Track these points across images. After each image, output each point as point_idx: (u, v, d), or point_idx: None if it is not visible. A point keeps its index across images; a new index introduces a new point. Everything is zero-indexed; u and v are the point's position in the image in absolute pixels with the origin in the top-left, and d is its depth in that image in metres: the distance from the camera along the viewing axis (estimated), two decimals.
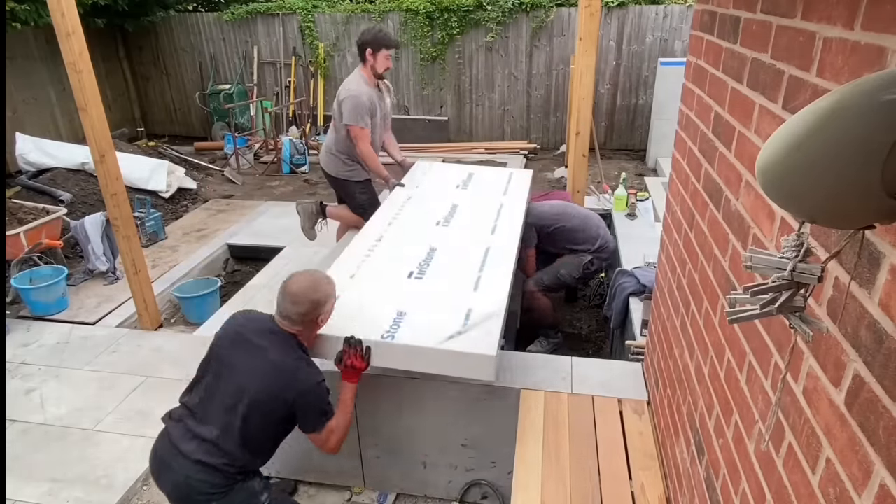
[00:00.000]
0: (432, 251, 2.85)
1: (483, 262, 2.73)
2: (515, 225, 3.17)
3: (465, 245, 2.93)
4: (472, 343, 2.13)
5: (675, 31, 8.07)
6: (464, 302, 2.39)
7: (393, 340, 2.15)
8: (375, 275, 2.65)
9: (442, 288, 2.53)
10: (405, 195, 3.65)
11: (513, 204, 3.45)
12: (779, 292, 0.77)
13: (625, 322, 3.48)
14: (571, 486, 2.06)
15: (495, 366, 2.11)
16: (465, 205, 3.47)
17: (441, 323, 2.24)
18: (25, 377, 3.53)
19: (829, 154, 0.62)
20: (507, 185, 3.77)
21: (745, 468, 1.28)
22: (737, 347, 1.37)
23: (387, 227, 3.15)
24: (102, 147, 3.53)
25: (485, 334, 2.19)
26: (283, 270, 4.78)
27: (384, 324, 2.24)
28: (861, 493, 0.81)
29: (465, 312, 2.31)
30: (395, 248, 2.91)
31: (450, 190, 3.77)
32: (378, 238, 2.99)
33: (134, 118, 10.16)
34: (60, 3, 3.13)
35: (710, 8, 1.74)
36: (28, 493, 2.74)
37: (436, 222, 3.20)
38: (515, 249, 2.88)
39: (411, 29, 8.69)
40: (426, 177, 4.02)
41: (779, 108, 1.18)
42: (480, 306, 2.35)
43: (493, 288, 2.52)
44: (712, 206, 1.63)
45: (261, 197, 7.10)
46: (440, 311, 2.33)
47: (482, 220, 3.20)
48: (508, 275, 2.63)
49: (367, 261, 2.77)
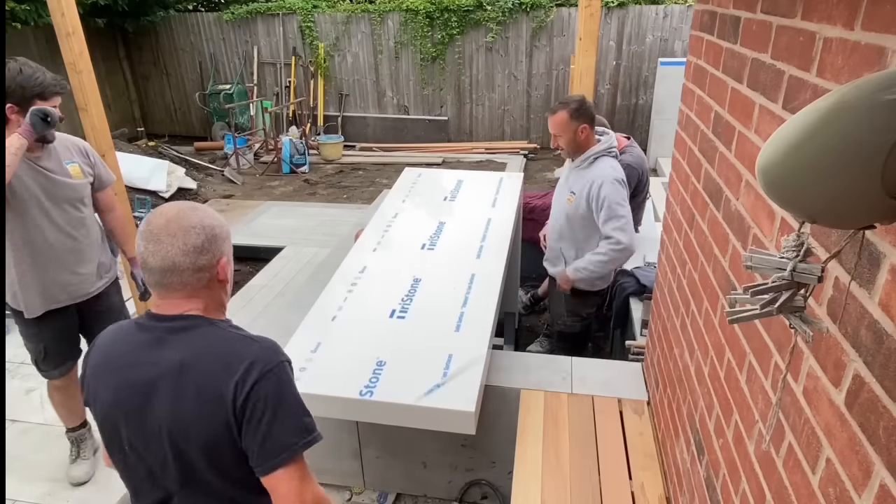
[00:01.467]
0: (416, 283, 2.77)
1: (466, 296, 2.65)
2: (503, 244, 3.09)
3: (449, 273, 2.85)
4: (450, 398, 2.08)
5: (675, 31, 8.07)
6: (445, 346, 2.33)
7: (371, 398, 2.09)
8: (357, 315, 2.56)
9: (423, 329, 2.46)
10: (393, 211, 3.53)
11: (501, 218, 3.38)
12: (779, 292, 0.77)
13: (625, 322, 3.48)
14: (571, 486, 2.06)
15: (475, 420, 2.07)
16: (452, 222, 3.39)
17: (421, 373, 2.19)
18: (25, 377, 3.53)
19: (830, 154, 0.62)
20: (496, 195, 3.69)
21: (746, 468, 1.28)
22: (737, 347, 1.37)
23: (372, 252, 3.08)
24: (102, 147, 3.53)
25: (464, 386, 2.14)
26: (282, 270, 4.78)
27: (363, 377, 2.18)
28: (861, 493, 0.81)
29: (446, 359, 2.26)
30: (378, 280, 2.84)
31: (437, 203, 3.68)
32: (362, 269, 2.92)
33: (134, 118, 10.17)
34: (60, 3, 3.13)
35: (710, 8, 1.73)
36: (28, 493, 2.74)
37: (421, 245, 3.11)
38: (501, 274, 2.81)
39: (411, 29, 8.69)
40: (415, 187, 3.94)
41: (779, 108, 1.18)
42: (462, 351, 2.30)
43: (476, 327, 2.45)
44: (712, 206, 1.63)
45: (261, 197, 7.10)
46: (420, 358, 2.28)
47: (468, 241, 3.13)
48: (491, 310, 2.56)
49: (349, 298, 2.68)
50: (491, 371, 2.58)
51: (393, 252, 3.10)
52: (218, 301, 1.29)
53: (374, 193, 6.88)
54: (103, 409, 1.25)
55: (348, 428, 2.65)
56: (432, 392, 2.10)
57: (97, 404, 1.26)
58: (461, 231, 3.27)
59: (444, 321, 2.49)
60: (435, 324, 2.48)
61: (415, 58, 8.89)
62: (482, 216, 3.41)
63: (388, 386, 2.14)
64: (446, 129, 9.17)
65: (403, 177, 4.13)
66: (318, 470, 2.87)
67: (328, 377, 2.19)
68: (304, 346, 2.36)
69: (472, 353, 2.29)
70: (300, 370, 2.21)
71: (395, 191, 3.87)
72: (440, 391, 2.11)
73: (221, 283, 1.28)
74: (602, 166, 2.86)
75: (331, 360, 2.28)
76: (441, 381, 2.15)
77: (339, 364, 2.26)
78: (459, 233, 3.26)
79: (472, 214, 3.46)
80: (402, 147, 8.96)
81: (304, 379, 2.18)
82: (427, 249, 3.08)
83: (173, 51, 9.79)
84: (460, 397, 2.09)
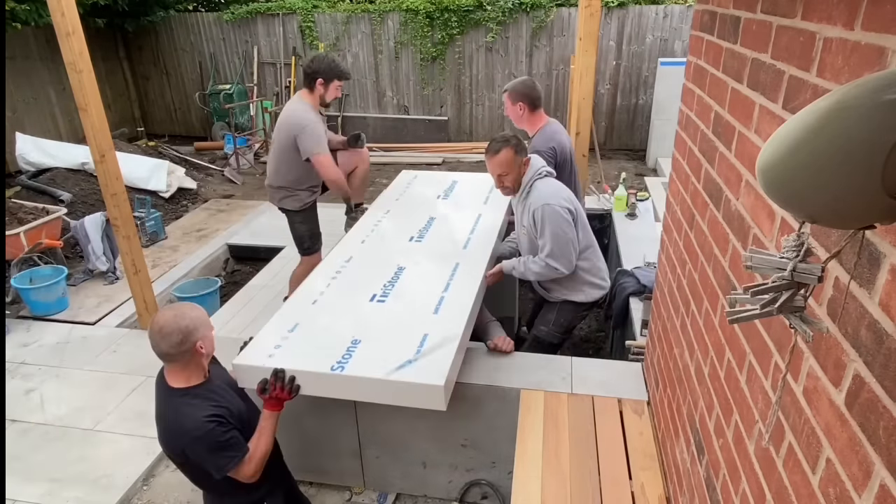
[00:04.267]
0: (400, 270, 2.78)
1: (448, 282, 2.66)
2: (490, 235, 3.10)
3: (434, 262, 2.86)
4: (420, 372, 2.07)
5: (675, 31, 8.07)
6: (421, 327, 2.33)
7: (342, 372, 2.10)
8: (338, 299, 2.59)
9: (401, 312, 2.46)
10: (384, 208, 3.56)
11: (492, 213, 3.38)
12: (779, 292, 0.77)
13: (625, 322, 3.48)
14: (571, 486, 2.06)
15: (445, 395, 2.05)
16: (443, 217, 3.41)
17: (394, 351, 2.18)
18: (25, 377, 3.53)
19: (830, 154, 0.62)
20: (490, 192, 3.68)
21: (746, 468, 1.28)
22: (737, 347, 1.37)
23: (360, 245, 3.09)
24: (102, 147, 3.53)
25: (436, 362, 2.12)
26: (282, 270, 4.78)
27: (336, 353, 2.19)
28: (861, 493, 0.81)
29: (421, 338, 2.25)
30: (363, 268, 2.85)
31: (430, 201, 3.69)
32: (347, 258, 2.93)
33: (134, 118, 10.17)
34: (60, 3, 3.13)
35: (710, 8, 1.73)
36: (28, 493, 2.74)
37: (409, 237, 3.13)
38: (486, 262, 2.81)
39: (411, 29, 8.69)
40: (409, 188, 3.94)
41: (779, 109, 1.17)
42: (437, 331, 2.29)
43: (455, 310, 2.44)
44: (712, 206, 1.63)
45: (261, 197, 7.09)
46: (395, 337, 2.28)
47: (456, 234, 3.14)
48: (472, 294, 2.57)
49: (332, 284, 2.71)
50: (491, 371, 2.58)
51: (380, 244, 3.12)
52: (198, 364, 1.94)
53: (374, 193, 6.86)
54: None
55: (349, 428, 2.65)
56: (403, 367, 2.10)
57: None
58: (450, 225, 3.29)
59: (423, 304, 2.49)
60: (414, 307, 2.48)
61: (415, 58, 8.89)
62: (473, 212, 3.43)
63: (360, 362, 2.14)
64: (446, 129, 9.16)
65: (400, 178, 4.14)
66: (318, 470, 2.90)
67: (301, 354, 2.22)
68: (282, 326, 2.39)
69: (448, 332, 2.28)
70: (275, 347, 2.25)
71: (391, 189, 3.89)
72: (412, 366, 2.10)
73: (200, 354, 1.92)
74: (537, 194, 2.80)
75: (306, 339, 2.31)
76: (414, 357, 2.15)
77: (314, 342, 2.29)
78: (448, 227, 3.28)
79: (463, 210, 3.48)
80: (402, 147, 8.95)
81: (278, 355, 2.20)
82: (415, 241, 3.10)
83: (173, 51, 9.79)
84: (431, 372, 2.07)
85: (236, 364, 2.20)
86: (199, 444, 1.85)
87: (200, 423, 1.84)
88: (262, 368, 2.15)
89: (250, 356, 2.24)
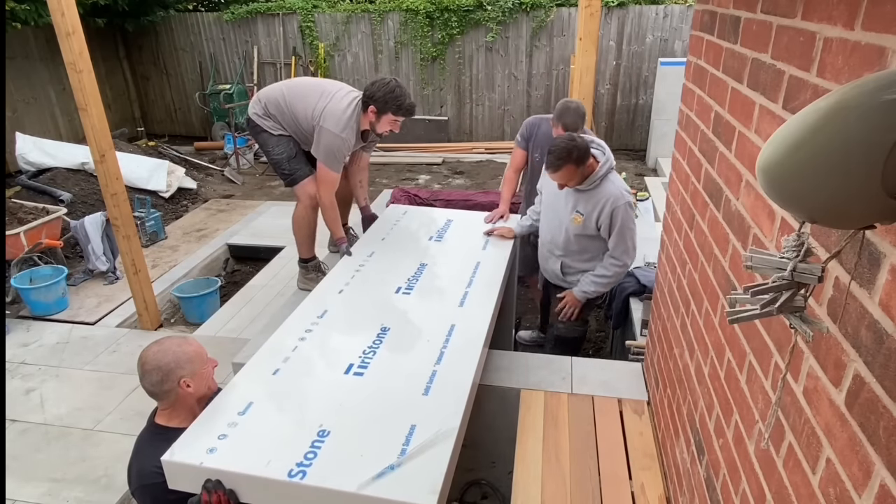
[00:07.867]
0: (384, 331, 2.31)
1: (442, 351, 2.20)
2: (491, 289, 2.68)
3: (426, 322, 2.42)
4: (406, 486, 1.59)
5: (675, 31, 8.08)
6: (407, 414, 1.86)
7: (303, 480, 1.60)
8: (304, 369, 2.10)
9: (384, 391, 1.98)
10: (369, 249, 3.08)
11: (492, 262, 2.95)
12: (779, 292, 0.77)
13: (625, 322, 3.49)
14: (571, 486, 2.06)
15: None
16: (435, 264, 2.94)
17: (371, 448, 1.72)
18: (25, 377, 3.53)
19: (830, 154, 0.62)
20: (489, 237, 3.23)
21: (746, 468, 1.28)
22: (737, 347, 1.37)
23: (337, 295, 2.61)
24: (102, 147, 3.53)
25: (426, 468, 1.66)
26: (282, 270, 4.78)
27: (298, 450, 1.69)
28: (861, 493, 0.81)
29: (407, 431, 1.78)
30: (339, 327, 2.38)
31: (421, 242, 3.22)
32: (321, 313, 2.44)
33: (134, 118, 10.17)
34: (60, 3, 3.13)
35: (710, 8, 1.74)
36: (28, 493, 2.74)
37: (396, 288, 2.66)
38: (487, 325, 2.41)
39: (411, 29, 8.69)
40: (399, 224, 3.45)
41: (779, 108, 1.17)
42: (428, 421, 1.82)
43: (450, 392, 1.98)
44: (712, 206, 1.63)
45: (261, 197, 7.10)
46: (375, 429, 1.80)
47: (452, 287, 2.70)
48: (472, 368, 2.12)
49: (300, 347, 2.20)
50: (491, 371, 2.57)
51: (362, 295, 2.64)
52: (185, 405, 1.81)
53: (373, 193, 6.87)
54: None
55: None
56: (384, 475, 1.62)
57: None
58: (444, 275, 2.83)
59: (411, 382, 2.03)
60: (399, 386, 2.01)
61: (415, 58, 8.89)
62: (470, 259, 2.97)
63: (327, 465, 1.66)
64: (446, 128, 9.17)
65: (387, 213, 3.63)
66: None
67: (252, 451, 1.69)
68: (232, 407, 1.86)
69: (442, 425, 1.81)
70: (218, 438, 1.72)
71: (377, 226, 3.41)
72: (394, 475, 1.63)
73: (188, 395, 1.78)
74: (610, 188, 2.80)
75: (260, 427, 1.79)
76: (397, 460, 1.67)
77: (269, 433, 1.77)
78: (442, 277, 2.81)
79: (459, 257, 3.02)
80: (402, 147, 8.96)
81: (222, 450, 1.68)
82: (402, 293, 2.63)
83: (173, 51, 9.80)
84: (420, 486, 1.59)
85: (165, 461, 1.66)
86: (145, 494, 1.69)
87: (153, 472, 1.64)
88: (198, 469, 1.63)
89: (183, 451, 1.68)
